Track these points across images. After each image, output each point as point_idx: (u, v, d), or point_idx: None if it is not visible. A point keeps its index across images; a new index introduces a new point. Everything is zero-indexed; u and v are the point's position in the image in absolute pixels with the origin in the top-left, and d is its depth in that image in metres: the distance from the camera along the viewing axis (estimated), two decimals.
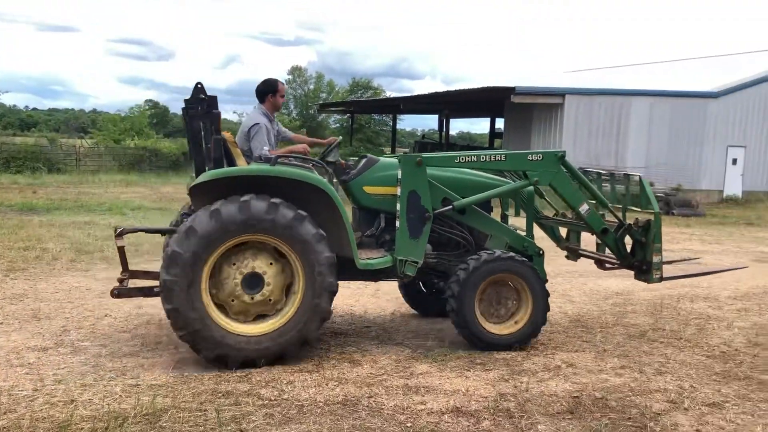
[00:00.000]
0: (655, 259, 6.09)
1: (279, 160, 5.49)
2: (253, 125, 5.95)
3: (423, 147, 37.92)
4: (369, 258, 5.66)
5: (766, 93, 26.87)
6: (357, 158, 6.34)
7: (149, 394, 4.52)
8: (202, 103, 5.38)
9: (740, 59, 33.68)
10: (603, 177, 6.91)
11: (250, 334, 5.16)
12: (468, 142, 59.84)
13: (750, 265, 11.26)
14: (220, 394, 4.60)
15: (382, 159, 6.20)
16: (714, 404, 4.68)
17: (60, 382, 4.75)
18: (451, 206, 5.90)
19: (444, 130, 37.84)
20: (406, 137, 75.59)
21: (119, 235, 5.55)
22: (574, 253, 7.05)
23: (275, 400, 4.54)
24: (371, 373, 5.13)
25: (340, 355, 5.60)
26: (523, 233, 6.37)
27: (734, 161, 26.23)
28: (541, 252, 6.26)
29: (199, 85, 5.45)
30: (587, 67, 44.81)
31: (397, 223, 5.72)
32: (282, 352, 5.25)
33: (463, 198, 5.96)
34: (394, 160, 6.06)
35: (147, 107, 51.93)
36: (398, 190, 5.73)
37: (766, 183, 27.12)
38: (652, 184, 6.88)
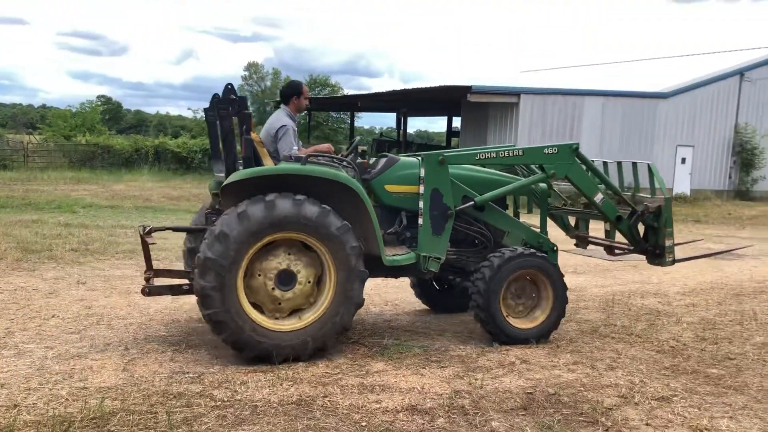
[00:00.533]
0: (668, 243, 6.42)
1: (309, 159, 5.56)
2: (280, 127, 5.96)
3: (381, 145, 37.96)
4: (394, 255, 5.78)
5: (714, 94, 27.68)
6: (377, 157, 6.44)
7: (97, 397, 4.40)
8: (233, 103, 5.44)
9: (690, 61, 34.60)
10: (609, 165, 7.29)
11: (289, 329, 5.27)
12: (426, 141, 60.14)
13: (697, 262, 11.55)
14: (171, 396, 4.50)
15: (402, 158, 6.32)
16: (663, 398, 4.78)
17: (2, 386, 4.59)
18: (472, 202, 6.08)
19: (402, 128, 37.91)
20: (364, 135, 75.57)
21: (148, 233, 5.64)
22: (583, 241, 7.35)
23: (228, 401, 4.46)
24: (326, 372, 5.09)
25: None
26: (536, 229, 6.57)
27: (683, 160, 26.94)
28: (555, 248, 6.45)
29: (229, 86, 5.55)
30: (541, 68, 45.42)
31: (420, 221, 5.90)
32: (323, 344, 5.38)
33: (481, 195, 6.14)
34: (414, 160, 6.21)
35: (99, 103, 50.66)
36: (421, 188, 5.90)
37: (714, 182, 27.95)
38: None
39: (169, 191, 21.47)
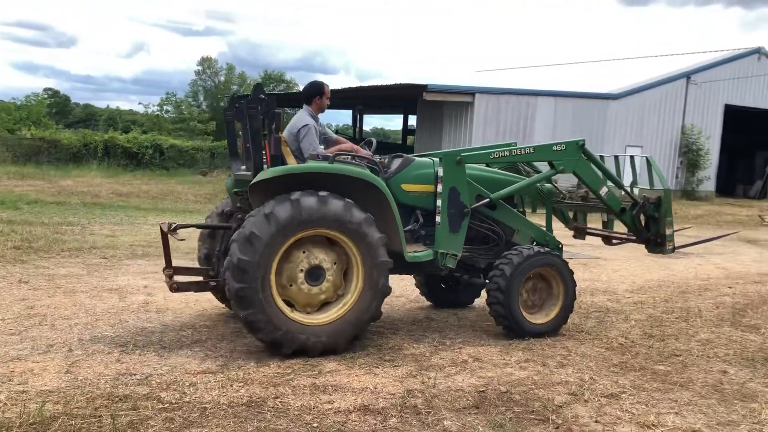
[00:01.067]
0: (668, 231, 6.94)
1: (336, 158, 5.70)
2: (302, 126, 6.00)
3: None
4: (414, 252, 5.97)
5: (661, 96, 28.40)
6: (390, 157, 6.56)
7: (37, 402, 4.24)
8: (262, 102, 5.52)
9: (638, 63, 35.42)
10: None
11: (322, 323, 5.45)
12: (381, 138, 60.16)
13: (644, 260, 11.84)
14: (116, 399, 4.37)
15: (417, 158, 6.49)
16: (612, 395, 4.85)
17: None
18: (487, 200, 6.35)
19: (358, 125, 37.84)
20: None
21: (173, 230, 5.70)
22: (581, 232, 7.73)
23: (176, 403, 4.35)
24: (278, 373, 5.02)
25: (246, 354, 5.45)
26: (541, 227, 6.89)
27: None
28: (561, 245, 6.74)
29: (258, 86, 5.68)
30: (495, 68, 45.93)
31: (438, 218, 6.11)
32: (356, 334, 5.62)
33: (491, 194, 6.40)
34: (429, 160, 6.45)
35: (46, 96, 49.21)
36: (438, 187, 6.12)
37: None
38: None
39: (119, 187, 20.96)
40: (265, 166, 5.51)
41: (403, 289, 8.18)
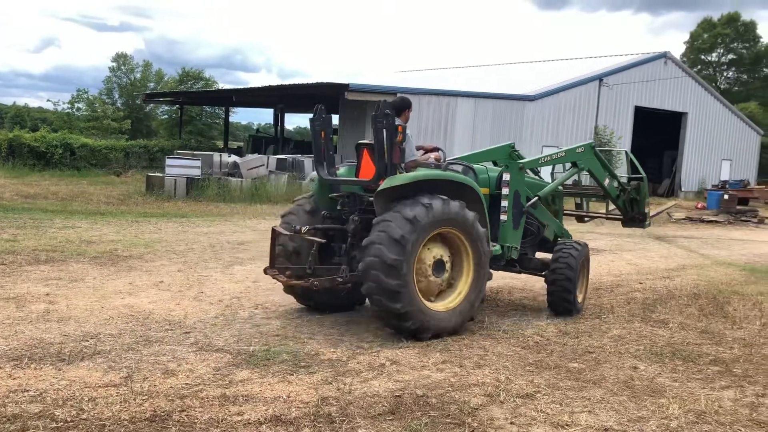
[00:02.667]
0: (647, 210, 9.02)
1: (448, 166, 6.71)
2: (403, 137, 6.56)
3: (257, 141, 37.20)
4: (491, 246, 6.87)
5: (576, 97, 29.30)
6: (448, 163, 6.98)
7: None
8: (387, 118, 6.21)
9: (554, 65, 36.46)
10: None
11: (449, 308, 6.35)
12: (304, 137, 59.63)
13: None
14: (4, 419, 4.03)
15: (476, 166, 7.38)
16: (527, 395, 4.86)
17: None
18: (537, 198, 7.60)
19: (279, 124, 37.32)
20: (241, 131, 73.91)
21: (304, 233, 6.43)
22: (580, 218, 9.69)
23: (72, 421, 4.06)
24: (186, 384, 4.78)
25: (152, 365, 5.17)
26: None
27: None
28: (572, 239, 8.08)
29: (382, 102, 6.34)
30: (416, 68, 46.33)
31: (503, 217, 7.18)
32: (472, 314, 6.67)
33: (532, 195, 7.60)
34: (482, 167, 7.51)
35: None
36: (504, 190, 7.19)
37: None
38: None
39: (24, 188, 19.86)
40: (398, 171, 6.23)
41: None
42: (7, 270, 8.43)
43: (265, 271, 6.71)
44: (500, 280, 9.54)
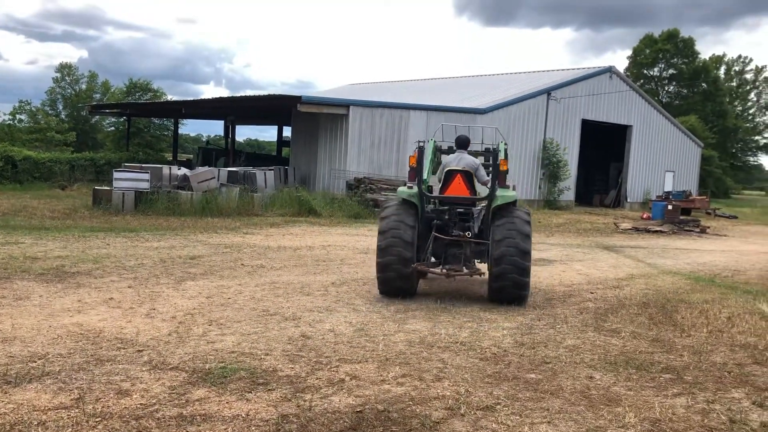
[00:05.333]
0: None
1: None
2: (479, 165, 9.54)
3: (207, 153, 36.70)
4: None
5: (525, 110, 29.85)
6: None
7: None
8: (495, 153, 9.17)
9: (503, 79, 37.09)
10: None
11: None
12: (255, 150, 59.14)
13: None
14: None
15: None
16: (487, 407, 4.89)
17: None
18: None
19: (230, 136, 36.91)
20: (190, 143, 72.76)
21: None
22: None
23: None
24: (141, 404, 4.65)
25: (105, 385, 5.01)
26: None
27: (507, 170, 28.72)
28: None
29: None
30: (368, 81, 46.51)
31: None
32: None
33: None
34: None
35: None
36: None
37: (526, 192, 30.06)
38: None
39: None
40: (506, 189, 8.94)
41: (278, 307, 7.95)
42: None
43: (415, 266, 8.44)
44: (453, 291, 9.60)
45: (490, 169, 9.47)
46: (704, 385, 5.75)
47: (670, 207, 25.83)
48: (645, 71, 66.93)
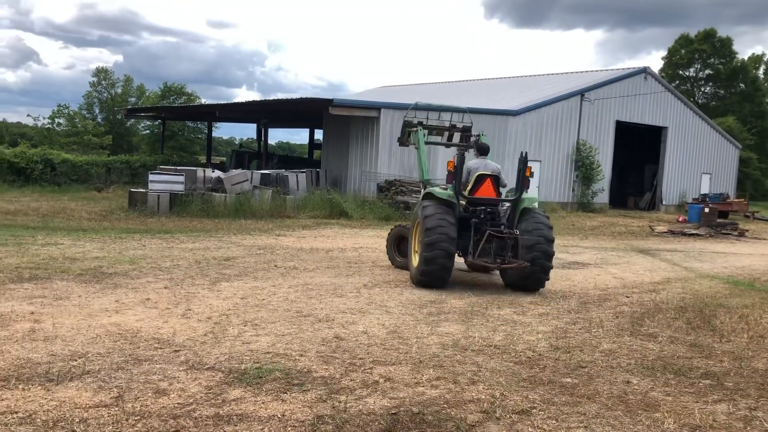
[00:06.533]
0: None
1: None
2: (500, 170, 10.43)
3: (240, 156, 37.08)
4: None
5: (558, 112, 29.58)
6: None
7: None
8: (525, 160, 10.15)
9: (536, 80, 36.80)
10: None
11: None
12: (287, 152, 59.60)
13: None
14: None
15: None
16: (523, 411, 4.85)
17: None
18: None
19: (262, 139, 37.25)
20: (223, 146, 73.63)
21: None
22: None
23: None
24: (179, 404, 4.71)
25: (143, 384, 5.08)
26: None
27: (531, 174, 28.50)
28: None
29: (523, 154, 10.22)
30: (399, 83, 46.53)
31: None
32: None
33: None
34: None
35: None
36: None
37: (559, 194, 29.80)
38: None
39: (5, 205, 19.62)
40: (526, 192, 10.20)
41: (312, 308, 7.99)
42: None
43: (474, 261, 9.68)
44: (487, 294, 9.56)
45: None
46: (746, 391, 5.63)
47: (706, 210, 25.36)
48: (680, 72, 65.82)
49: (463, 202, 10.09)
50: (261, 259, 11.81)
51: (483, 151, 10.70)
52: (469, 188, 10.05)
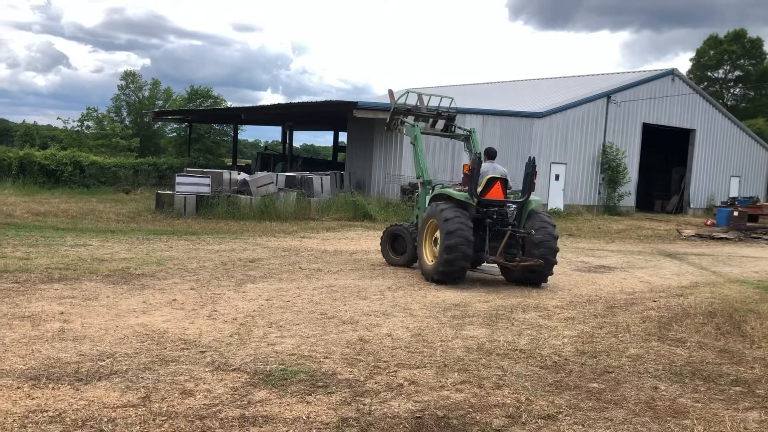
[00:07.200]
0: None
1: None
2: (507, 173, 11.12)
3: (266, 159, 37.32)
4: None
5: (584, 114, 29.32)
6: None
7: None
8: (534, 164, 10.92)
9: (561, 82, 36.52)
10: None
11: None
12: (312, 155, 59.83)
13: (571, 275, 12.06)
14: None
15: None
16: (549, 416, 4.80)
17: None
18: None
19: (287, 141, 37.45)
20: (249, 148, 74.21)
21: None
22: None
23: None
24: (205, 404, 4.75)
25: (170, 385, 5.14)
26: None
27: (557, 177, 28.28)
28: None
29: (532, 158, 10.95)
30: (422, 86, 46.47)
31: None
32: None
33: None
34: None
35: None
36: None
37: (584, 197, 29.53)
38: None
39: (35, 206, 19.96)
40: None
41: (336, 310, 8.01)
42: (21, 288, 8.44)
43: (495, 259, 10.23)
44: (512, 298, 9.50)
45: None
46: None
47: (735, 213, 24.96)
48: (709, 73, 64.87)
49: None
50: (286, 260, 11.87)
51: (491, 155, 11.34)
52: (480, 190, 10.58)
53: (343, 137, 37.43)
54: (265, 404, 4.79)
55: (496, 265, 10.72)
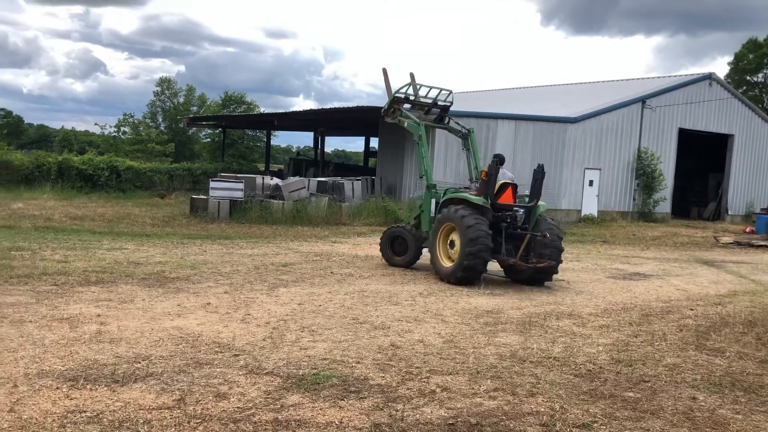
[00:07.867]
0: None
1: None
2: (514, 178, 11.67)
3: (298, 164, 37.57)
4: None
5: (618, 119, 28.93)
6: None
7: None
8: (543, 171, 11.52)
9: (595, 87, 36.14)
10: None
11: None
12: (343, 160, 60.11)
13: (606, 282, 11.89)
14: None
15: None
16: (583, 425, 4.74)
17: None
18: None
19: (319, 147, 37.67)
20: (281, 153, 74.76)
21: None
22: None
23: None
24: (238, 408, 4.78)
25: (204, 388, 5.19)
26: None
27: (590, 183, 27.92)
28: None
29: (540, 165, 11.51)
30: (455, 90, 46.41)
31: None
32: None
33: None
34: None
35: None
36: None
37: (619, 203, 29.11)
38: None
39: (73, 210, 20.38)
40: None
41: (368, 315, 8.01)
42: (59, 291, 8.61)
43: (514, 262, 10.67)
44: (546, 305, 9.40)
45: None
46: None
47: None
48: (748, 77, 63.54)
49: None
50: (317, 265, 11.92)
51: (501, 161, 11.59)
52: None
53: (374, 142, 37.54)
54: (298, 408, 4.81)
55: (498, 266, 11.35)
